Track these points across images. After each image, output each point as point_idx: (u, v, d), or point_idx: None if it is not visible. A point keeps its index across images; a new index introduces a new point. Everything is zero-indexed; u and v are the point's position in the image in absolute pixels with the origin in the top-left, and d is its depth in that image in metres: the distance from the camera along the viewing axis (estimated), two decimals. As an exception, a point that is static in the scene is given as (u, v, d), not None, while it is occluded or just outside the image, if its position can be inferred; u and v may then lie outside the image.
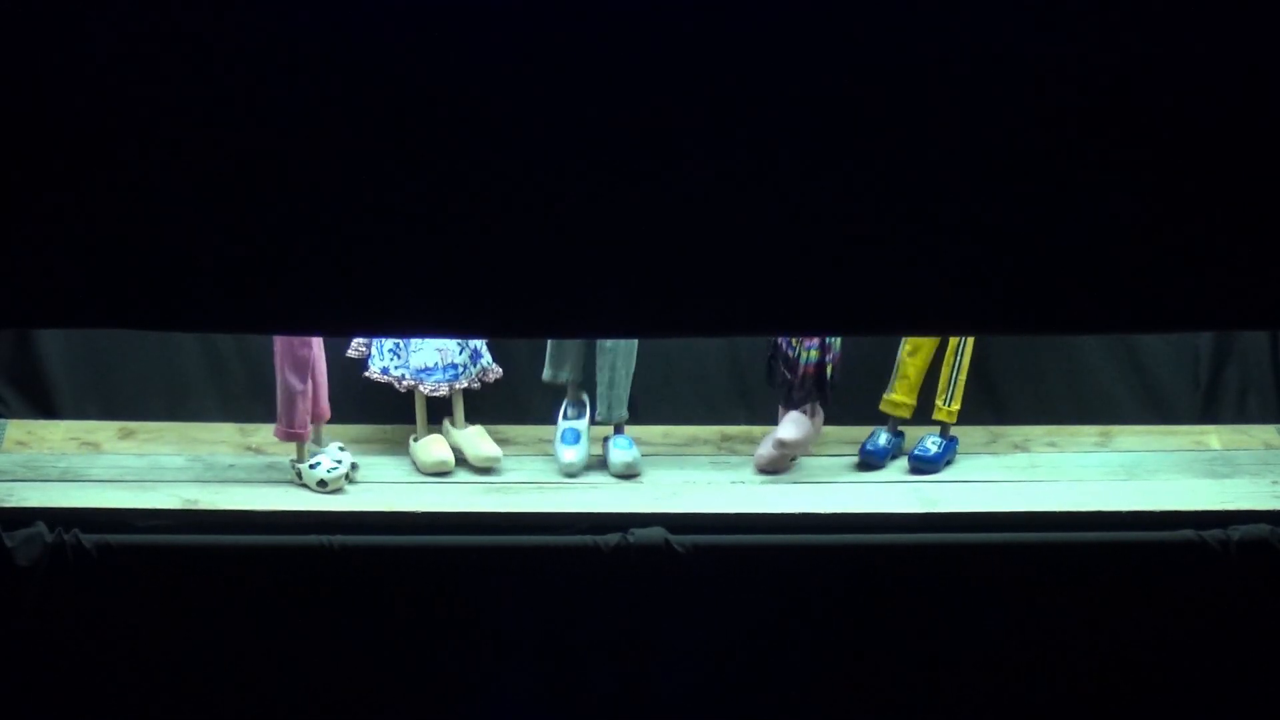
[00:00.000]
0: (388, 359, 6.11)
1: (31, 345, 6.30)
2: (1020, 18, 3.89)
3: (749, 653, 5.81)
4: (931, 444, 6.16)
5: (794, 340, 6.04)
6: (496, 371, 6.19)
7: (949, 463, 6.19)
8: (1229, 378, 6.50)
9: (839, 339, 6.03)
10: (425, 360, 6.08)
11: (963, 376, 6.16)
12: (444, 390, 6.10)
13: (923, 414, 6.21)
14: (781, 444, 6.07)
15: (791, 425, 6.08)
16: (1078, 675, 5.82)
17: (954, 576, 5.80)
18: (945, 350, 6.16)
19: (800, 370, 6.04)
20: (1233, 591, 5.77)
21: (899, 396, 6.19)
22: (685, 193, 4.03)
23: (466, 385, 6.13)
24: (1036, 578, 5.79)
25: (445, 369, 6.09)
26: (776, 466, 6.12)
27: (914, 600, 5.79)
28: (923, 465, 6.14)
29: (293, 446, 6.04)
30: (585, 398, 6.16)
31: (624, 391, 6.13)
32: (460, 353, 6.11)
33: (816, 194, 4.03)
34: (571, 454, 6.09)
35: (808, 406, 6.08)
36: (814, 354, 6.03)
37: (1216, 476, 6.14)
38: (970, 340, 6.14)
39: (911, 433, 6.24)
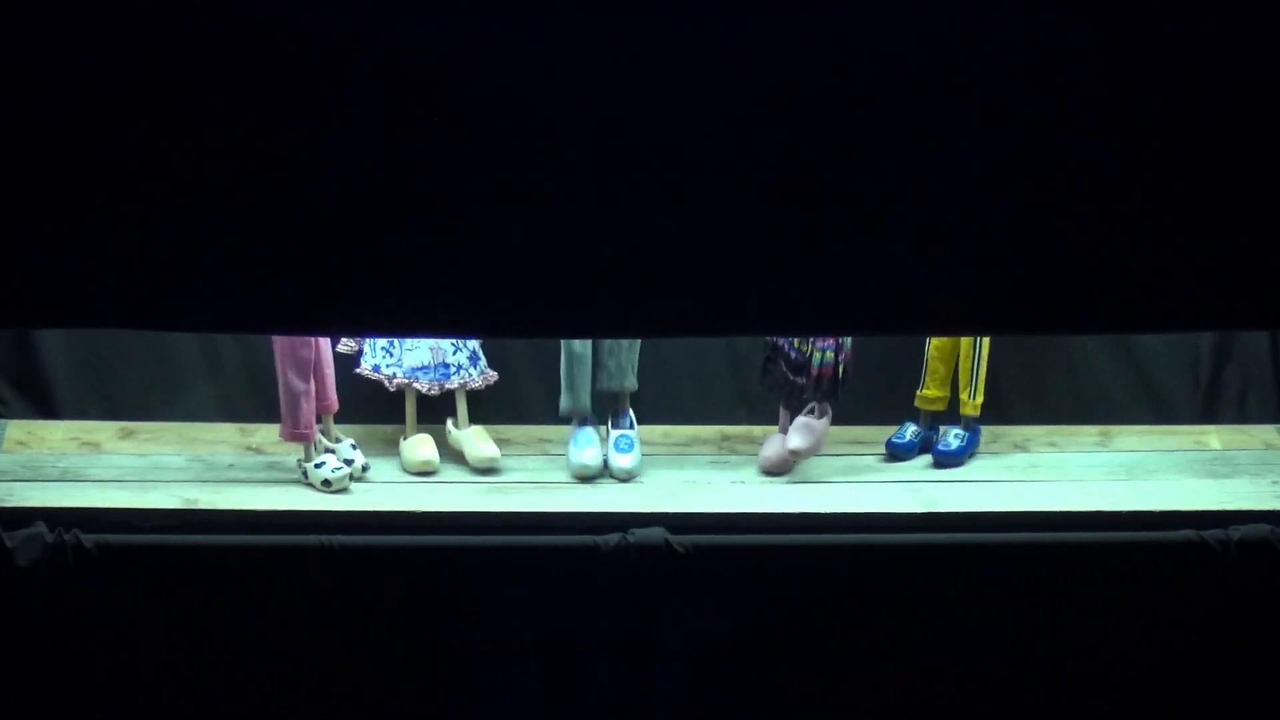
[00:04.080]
0: (380, 356, 6.09)
1: (31, 345, 6.29)
2: (1025, 20, 3.89)
3: (749, 653, 5.80)
4: (954, 438, 6.18)
5: (796, 341, 6.03)
6: (490, 377, 6.16)
7: (972, 455, 6.20)
8: (1229, 378, 6.49)
9: (850, 338, 6.03)
10: (420, 359, 6.06)
11: (983, 369, 6.17)
12: (436, 390, 6.09)
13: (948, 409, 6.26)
14: (795, 454, 6.06)
15: (802, 433, 6.06)
16: (1078, 675, 5.82)
17: (954, 576, 5.80)
18: (963, 346, 6.17)
19: (813, 372, 6.03)
20: (1233, 591, 5.77)
21: (931, 392, 6.21)
22: (687, 191, 4.02)
23: (458, 385, 6.11)
24: (1036, 578, 5.79)
25: (438, 368, 6.07)
26: (783, 469, 6.12)
27: (914, 600, 5.79)
28: (947, 460, 6.16)
29: (297, 446, 6.04)
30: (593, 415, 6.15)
31: (627, 358, 6.09)
32: (455, 353, 6.09)
33: (820, 194, 4.03)
34: (590, 454, 6.05)
35: (814, 409, 6.07)
36: (829, 355, 6.01)
37: (1216, 476, 6.14)
38: None
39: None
